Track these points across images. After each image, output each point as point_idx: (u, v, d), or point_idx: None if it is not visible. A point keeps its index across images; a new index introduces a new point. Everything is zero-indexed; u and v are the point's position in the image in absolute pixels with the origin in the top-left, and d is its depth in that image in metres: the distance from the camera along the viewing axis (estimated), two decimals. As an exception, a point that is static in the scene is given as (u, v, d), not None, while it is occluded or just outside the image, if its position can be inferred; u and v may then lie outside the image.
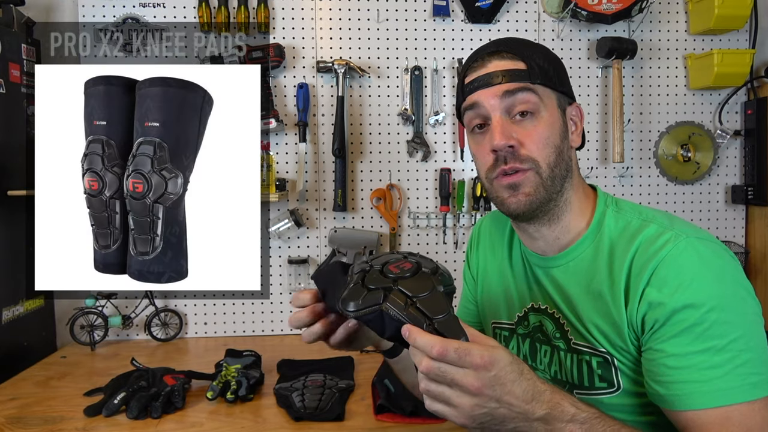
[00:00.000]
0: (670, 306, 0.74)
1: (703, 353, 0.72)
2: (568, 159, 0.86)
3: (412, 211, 1.90)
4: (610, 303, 0.80)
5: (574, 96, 0.91)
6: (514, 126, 0.83)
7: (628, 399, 0.82)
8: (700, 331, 0.72)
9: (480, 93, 0.84)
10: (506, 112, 0.83)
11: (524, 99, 0.83)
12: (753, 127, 1.92)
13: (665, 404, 0.75)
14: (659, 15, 1.94)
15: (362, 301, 0.70)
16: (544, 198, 0.83)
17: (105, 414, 1.22)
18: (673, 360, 0.73)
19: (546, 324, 0.91)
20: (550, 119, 0.84)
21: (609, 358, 0.82)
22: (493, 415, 0.65)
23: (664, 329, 0.74)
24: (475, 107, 0.85)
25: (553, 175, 0.83)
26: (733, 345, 0.71)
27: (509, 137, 0.82)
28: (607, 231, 0.85)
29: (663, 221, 0.82)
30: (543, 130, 0.83)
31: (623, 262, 0.80)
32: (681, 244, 0.76)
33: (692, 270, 0.74)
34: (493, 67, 0.85)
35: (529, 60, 0.84)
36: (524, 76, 0.83)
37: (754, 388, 0.71)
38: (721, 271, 0.76)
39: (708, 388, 0.71)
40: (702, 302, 0.72)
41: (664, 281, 0.75)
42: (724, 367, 0.71)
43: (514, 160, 0.82)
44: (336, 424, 1.20)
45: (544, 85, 0.84)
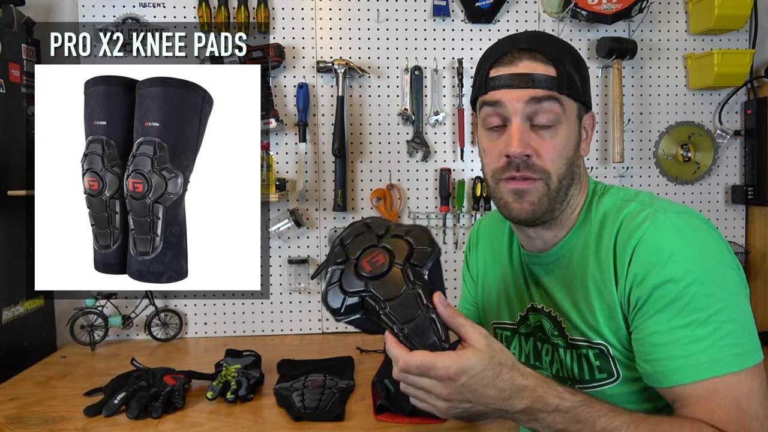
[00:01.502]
0: (650, 282, 0.74)
1: (685, 327, 0.72)
2: (576, 168, 0.85)
3: (412, 211, 1.90)
4: (602, 287, 0.81)
5: (591, 104, 0.88)
6: (532, 134, 0.81)
7: (629, 387, 0.82)
8: (682, 305, 0.72)
9: (505, 92, 0.81)
10: (527, 119, 0.81)
11: (549, 108, 0.80)
12: (753, 127, 1.91)
13: (655, 382, 0.76)
14: (659, 15, 1.94)
15: (343, 308, 0.70)
16: (547, 208, 0.83)
17: (105, 414, 1.22)
18: (656, 337, 0.74)
19: (544, 323, 0.91)
20: (568, 130, 0.82)
21: (605, 349, 0.82)
22: (470, 411, 0.70)
23: (647, 306, 0.75)
24: (496, 105, 0.82)
25: (560, 186, 0.82)
26: (715, 317, 0.72)
27: (527, 146, 0.80)
28: (593, 218, 0.85)
29: (644, 199, 0.82)
30: (560, 142, 0.81)
31: (609, 244, 0.81)
32: (659, 219, 0.76)
33: (670, 245, 0.75)
34: (524, 67, 0.80)
35: (561, 66, 0.81)
36: (554, 84, 0.80)
37: (739, 358, 0.71)
38: (699, 244, 0.76)
39: (692, 362, 0.71)
40: (681, 276, 0.73)
41: (644, 258, 0.75)
42: (708, 340, 0.71)
43: (527, 169, 0.81)
44: (336, 424, 1.20)
45: (569, 96, 0.82)
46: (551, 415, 0.69)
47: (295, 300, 1.88)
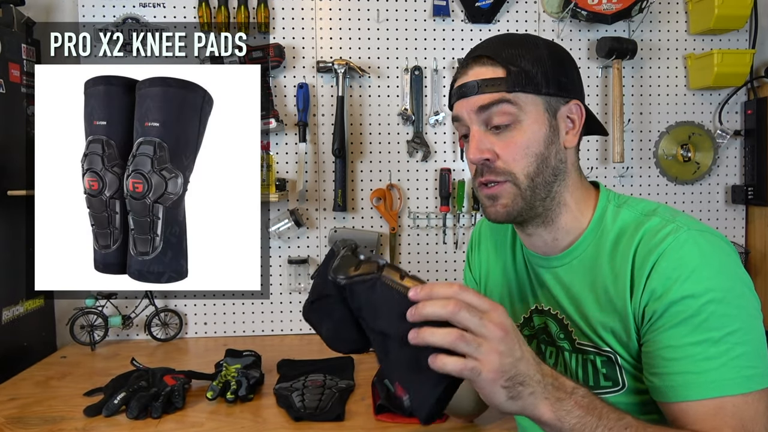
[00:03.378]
0: (668, 297, 0.74)
1: (699, 344, 0.72)
2: (557, 163, 0.84)
3: (412, 211, 1.90)
4: (615, 297, 0.80)
5: (575, 93, 0.87)
6: (492, 137, 0.82)
7: (633, 397, 0.82)
8: (698, 322, 0.72)
9: (460, 104, 0.84)
10: (484, 124, 0.83)
11: (500, 111, 0.81)
12: (753, 127, 1.91)
13: (661, 396, 0.75)
14: (659, 15, 1.94)
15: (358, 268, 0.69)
16: (522, 207, 0.83)
17: (105, 414, 1.22)
18: (669, 351, 0.74)
19: (550, 325, 0.91)
20: (533, 126, 0.82)
21: (613, 357, 0.82)
22: (518, 369, 0.64)
23: (662, 320, 0.75)
24: (457, 119, 0.86)
25: (533, 184, 0.82)
26: (730, 338, 0.72)
27: (483, 151, 0.81)
28: (609, 227, 0.84)
29: (665, 214, 0.82)
30: (521, 141, 0.81)
31: (627, 255, 0.80)
32: (682, 236, 0.76)
33: (692, 262, 0.74)
34: (473, 75, 0.83)
35: (510, 65, 0.80)
36: (501, 85, 0.80)
37: (749, 380, 0.71)
38: (721, 264, 0.76)
39: (703, 379, 0.71)
40: (700, 293, 0.73)
41: (665, 273, 0.75)
42: (720, 359, 0.71)
43: (490, 173, 0.82)
44: (336, 424, 1.20)
45: (525, 92, 0.81)
46: (572, 397, 0.67)
47: (295, 300, 1.88)
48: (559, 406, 0.66)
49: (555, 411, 0.66)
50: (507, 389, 0.63)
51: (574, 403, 0.67)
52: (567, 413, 0.66)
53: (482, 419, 1.16)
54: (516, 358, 0.64)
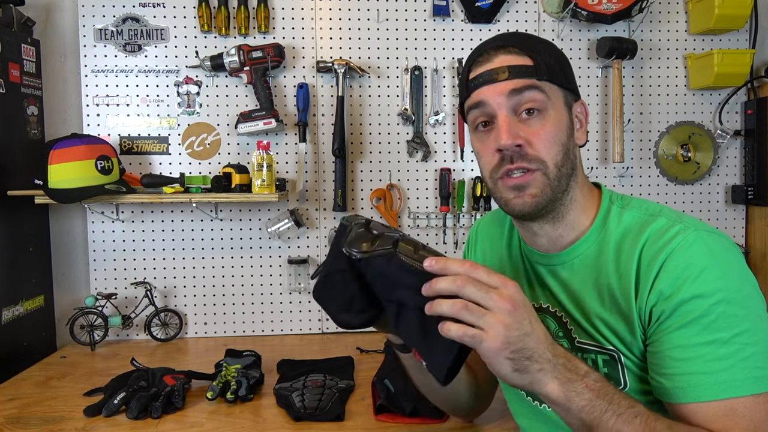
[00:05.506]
0: (677, 297, 0.74)
1: (708, 345, 0.72)
2: (573, 157, 0.85)
3: (412, 211, 1.90)
4: (619, 297, 0.80)
5: (579, 93, 0.89)
6: (520, 125, 0.81)
7: (635, 398, 0.81)
8: (707, 322, 0.72)
9: (485, 90, 0.82)
10: (512, 111, 0.81)
11: (531, 97, 0.81)
12: (753, 127, 1.91)
13: (669, 397, 0.75)
14: (659, 15, 1.94)
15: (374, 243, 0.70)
16: (550, 198, 0.82)
17: (105, 414, 1.22)
18: (678, 351, 0.73)
19: (549, 323, 0.91)
20: (558, 117, 0.82)
21: (616, 356, 0.81)
22: (524, 343, 0.66)
23: (671, 320, 0.74)
24: (480, 105, 0.83)
25: (560, 174, 0.82)
26: (739, 338, 0.71)
27: (516, 136, 0.80)
28: (613, 226, 0.84)
29: (671, 215, 0.82)
30: (551, 129, 0.81)
31: (632, 254, 0.80)
32: (690, 236, 0.76)
33: (701, 262, 0.74)
34: (499, 62, 0.82)
35: (536, 55, 0.82)
36: (531, 72, 0.81)
37: (759, 381, 0.71)
38: (729, 264, 0.76)
39: (713, 379, 0.71)
40: (710, 294, 0.72)
41: (674, 273, 0.75)
42: (730, 360, 0.71)
43: (522, 160, 0.80)
44: (336, 424, 1.20)
45: (551, 82, 0.82)
46: (584, 380, 0.69)
47: (295, 300, 1.88)
48: (569, 386, 0.68)
49: (564, 391, 0.68)
50: (512, 361, 0.66)
51: (584, 386, 0.68)
52: (576, 395, 0.68)
53: (482, 419, 1.16)
54: (524, 333, 0.66)
